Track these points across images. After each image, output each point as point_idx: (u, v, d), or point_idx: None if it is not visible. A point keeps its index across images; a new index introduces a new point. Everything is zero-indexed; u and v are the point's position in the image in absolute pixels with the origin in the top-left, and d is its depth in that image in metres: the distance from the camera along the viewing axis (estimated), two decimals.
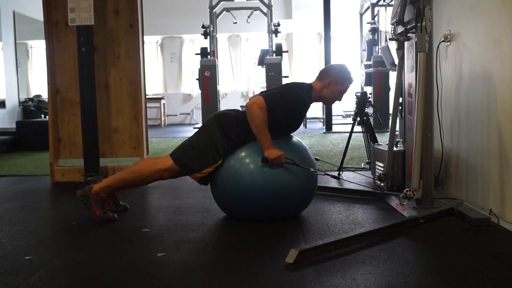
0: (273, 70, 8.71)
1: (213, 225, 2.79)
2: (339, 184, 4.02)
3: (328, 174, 3.08)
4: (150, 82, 12.03)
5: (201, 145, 2.78)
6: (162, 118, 11.58)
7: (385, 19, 9.14)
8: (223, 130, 2.78)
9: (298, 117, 2.86)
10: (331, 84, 2.89)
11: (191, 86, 12.40)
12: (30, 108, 9.14)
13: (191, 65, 12.33)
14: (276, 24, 9.13)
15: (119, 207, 3.08)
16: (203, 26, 9.16)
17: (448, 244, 2.37)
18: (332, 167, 4.67)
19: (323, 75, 2.93)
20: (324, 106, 9.39)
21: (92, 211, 2.86)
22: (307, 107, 2.89)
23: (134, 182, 2.85)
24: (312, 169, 2.76)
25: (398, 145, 3.60)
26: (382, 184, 3.61)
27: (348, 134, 4.69)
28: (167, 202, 3.44)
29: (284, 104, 2.74)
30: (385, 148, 3.71)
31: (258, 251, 2.29)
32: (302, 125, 9.92)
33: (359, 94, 4.46)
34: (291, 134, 2.97)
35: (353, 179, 4.08)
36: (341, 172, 4.37)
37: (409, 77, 3.20)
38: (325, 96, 2.91)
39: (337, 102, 3.00)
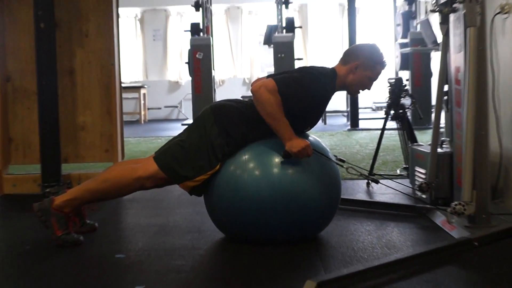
0: (283, 51, 8.72)
1: (207, 249, 2.78)
2: (369, 196, 3.99)
3: (370, 177, 3.06)
4: (127, 67, 12.06)
5: (194, 146, 2.78)
6: (142, 113, 11.62)
7: None
8: (222, 126, 2.78)
9: (317, 111, 2.87)
10: (358, 68, 2.90)
11: (178, 71, 12.42)
12: None
13: (179, 45, 12.35)
14: None
15: (86, 226, 3.07)
16: None
17: (509, 274, 2.35)
18: (361, 171, 4.64)
19: (348, 57, 2.94)
20: (349, 96, 9.39)
21: (53, 231, 2.84)
22: (329, 98, 2.89)
23: (106, 194, 2.85)
24: (346, 165, 2.83)
25: (444, 145, 3.58)
26: (424, 196, 3.60)
27: (379, 132, 4.67)
28: (147, 219, 3.43)
29: (301, 92, 2.75)
30: (427, 149, 3.68)
31: (265, 284, 2.28)
32: (320, 121, 9.91)
33: (393, 81, 4.46)
34: (307, 132, 2.97)
35: (387, 190, 4.06)
36: (370, 181, 4.36)
37: (457, 59, 3.18)
38: (351, 83, 2.92)
39: (365, 91, 3.00)
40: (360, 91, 2.97)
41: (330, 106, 12.32)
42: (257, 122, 2.75)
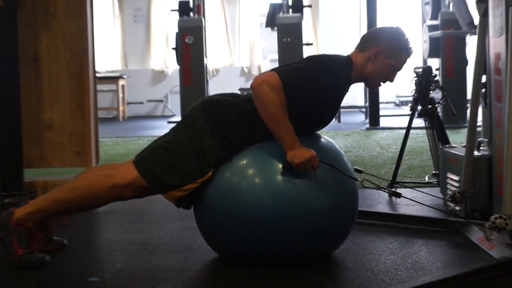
0: (289, 35, 8.71)
1: (197, 271, 2.77)
2: (392, 208, 3.98)
3: (391, 191, 3.04)
4: (102, 53, 12.06)
5: (182, 148, 2.78)
6: (121, 108, 11.63)
7: None
8: (215, 125, 2.79)
9: (330, 108, 2.87)
10: (379, 56, 2.90)
11: (164, 59, 12.43)
12: None
13: (165, 27, 12.35)
14: None
15: (53, 244, 3.07)
16: None
17: None
18: (379, 181, 4.64)
19: (367, 43, 2.94)
20: (368, 89, 9.39)
21: (12, 250, 2.83)
22: (344, 92, 2.89)
23: (77, 205, 2.85)
24: (359, 179, 2.82)
25: (482, 147, 3.58)
26: (457, 208, 3.60)
27: (404, 131, 4.67)
28: (127, 236, 3.43)
29: (311, 86, 2.75)
30: (461, 152, 3.67)
31: None
32: (335, 119, 9.91)
33: (420, 70, 4.46)
34: (318, 132, 2.97)
35: (413, 200, 4.05)
36: (394, 189, 4.35)
37: (497, 44, 3.18)
38: (370, 74, 2.92)
39: (386, 84, 3.00)
40: (381, 83, 2.97)
41: (345, 101, 12.17)
42: (257, 121, 2.75)
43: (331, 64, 2.82)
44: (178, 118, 9.68)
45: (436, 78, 4.48)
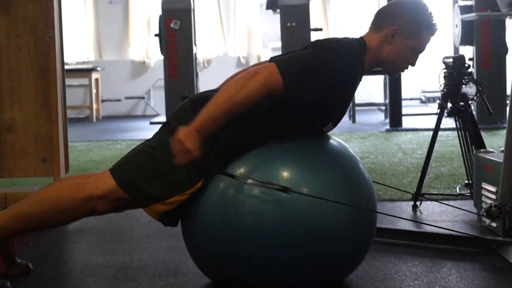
0: (294, 18, 8.72)
1: None
2: (416, 224, 4.00)
3: (289, 189, 2.81)
4: (72, 42, 12.06)
5: (167, 154, 2.76)
6: (94, 106, 11.61)
7: None
8: None
9: (341, 102, 2.88)
10: (397, 36, 2.91)
11: (145, 47, 12.41)
12: None
13: (146, 10, 12.34)
14: None
15: (16, 267, 3.08)
16: None
17: None
18: (402, 193, 4.66)
19: (382, 20, 2.95)
20: (387, 82, 9.39)
21: None
22: (357, 83, 2.90)
23: (43, 221, 2.86)
24: (280, 186, 2.66)
25: None
26: (493, 225, 3.59)
27: (431, 133, 4.67)
28: (102, 258, 3.43)
29: (318, 79, 2.74)
30: (499, 158, 3.68)
31: None
32: (346, 117, 9.92)
33: (451, 60, 4.45)
34: (328, 133, 2.99)
35: (441, 215, 4.06)
36: (418, 203, 4.39)
37: None
38: (387, 58, 2.93)
39: (408, 70, 3.01)
40: (401, 69, 2.98)
41: (361, 97, 12.11)
42: (256, 119, 2.77)
43: (341, 51, 2.79)
44: (162, 118, 9.69)
45: (469, 70, 4.44)
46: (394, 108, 8.94)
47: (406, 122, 9.01)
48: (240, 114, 2.72)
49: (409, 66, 2.99)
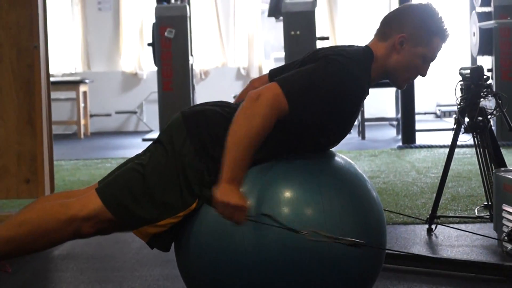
0: (298, 26, 8.73)
1: None
2: (431, 249, 3.98)
3: (345, 241, 2.85)
4: (59, 52, 12.09)
5: (159, 173, 2.79)
6: (82, 122, 11.62)
7: None
8: (201, 143, 2.80)
9: (349, 118, 2.88)
10: (405, 43, 2.90)
11: (138, 58, 12.45)
12: None
13: (138, 17, 12.38)
14: None
15: None
16: None
17: None
18: (415, 216, 4.64)
19: (389, 27, 2.95)
20: (398, 95, 9.39)
21: None
22: (365, 96, 2.89)
23: (24, 245, 2.84)
24: (304, 232, 2.63)
25: None
26: None
27: (447, 150, 4.66)
28: (90, 287, 3.42)
29: (324, 97, 2.74)
30: None
31: None
32: (355, 134, 9.92)
33: (468, 72, 4.44)
34: (332, 150, 2.98)
35: (458, 240, 4.04)
36: (434, 226, 4.38)
37: None
38: (395, 68, 2.92)
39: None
40: (410, 80, 2.98)
41: (371, 112, 12.16)
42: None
43: (348, 64, 2.80)
44: (156, 135, 9.67)
45: (488, 82, 4.44)
46: (406, 123, 8.95)
47: (420, 139, 9.04)
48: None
49: (420, 77, 2.99)
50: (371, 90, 2.95)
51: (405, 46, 2.89)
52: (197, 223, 2.77)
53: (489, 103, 4.63)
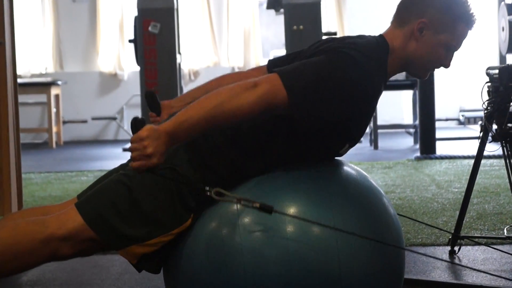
0: (302, 20, 8.75)
1: None
2: (454, 274, 3.99)
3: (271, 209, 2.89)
4: (27, 49, 12.09)
5: (148, 185, 2.79)
6: (54, 129, 11.62)
7: None
8: (195, 151, 2.82)
9: (361, 119, 2.90)
10: (426, 30, 2.92)
11: (117, 56, 12.44)
12: None
13: (118, 10, 12.39)
14: None
15: None
16: None
17: None
18: (436, 237, 4.65)
19: (408, 13, 2.96)
20: (417, 96, 9.40)
21: None
22: (380, 94, 2.90)
23: None
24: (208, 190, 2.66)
25: None
26: None
27: (471, 162, 4.67)
28: None
29: (333, 94, 2.75)
30: None
31: None
32: (367, 141, 9.93)
33: (497, 72, 4.44)
34: (339, 158, 3.00)
35: (485, 262, 4.06)
36: (457, 248, 4.38)
37: None
38: (414, 57, 2.94)
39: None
40: (432, 69, 3.00)
41: (384, 117, 12.17)
42: (256, 143, 2.79)
43: (359, 57, 2.79)
44: None
45: None
46: (426, 131, 8.95)
47: (441, 148, 9.06)
48: (237, 138, 2.77)
49: (443, 68, 2.99)
50: (385, 94, 2.95)
51: (425, 33, 2.91)
52: (190, 241, 2.78)
53: None
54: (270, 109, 2.66)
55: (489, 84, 4.45)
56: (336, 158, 2.98)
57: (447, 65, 2.96)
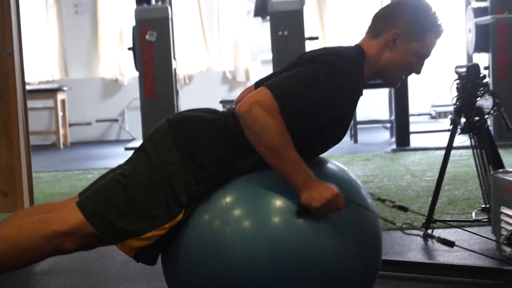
0: (286, 26, 8.73)
1: None
2: (427, 255, 4.01)
3: (435, 238, 3.01)
4: (34, 58, 12.06)
5: (143, 184, 2.79)
6: (61, 131, 11.58)
7: None
8: (187, 151, 2.80)
9: (345, 122, 2.90)
10: (398, 40, 2.93)
11: (118, 63, 12.41)
12: None
13: (118, 20, 12.36)
14: None
15: None
16: None
17: None
18: (411, 221, 4.66)
19: (381, 24, 2.97)
20: (392, 94, 9.40)
21: None
22: (359, 96, 2.91)
23: (2, 263, 2.83)
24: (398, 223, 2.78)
25: None
26: None
27: (442, 152, 4.67)
28: None
29: (318, 100, 2.75)
30: None
31: None
32: (348, 136, 9.93)
33: (464, 70, 4.45)
34: (322, 156, 3.00)
35: (456, 243, 4.06)
36: (430, 231, 4.38)
37: None
38: (388, 66, 2.95)
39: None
40: (403, 77, 3.00)
41: (363, 114, 12.13)
42: (244, 143, 2.76)
43: (343, 64, 2.80)
44: (139, 143, 9.62)
45: (485, 80, 4.44)
46: (400, 125, 8.94)
47: (415, 141, 9.05)
48: (227, 138, 2.79)
49: (414, 75, 3.02)
50: (363, 92, 2.95)
51: (398, 43, 2.92)
52: (184, 234, 2.77)
53: (486, 102, 4.63)
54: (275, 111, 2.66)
55: (457, 81, 4.46)
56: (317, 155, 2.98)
57: (418, 72, 2.98)
